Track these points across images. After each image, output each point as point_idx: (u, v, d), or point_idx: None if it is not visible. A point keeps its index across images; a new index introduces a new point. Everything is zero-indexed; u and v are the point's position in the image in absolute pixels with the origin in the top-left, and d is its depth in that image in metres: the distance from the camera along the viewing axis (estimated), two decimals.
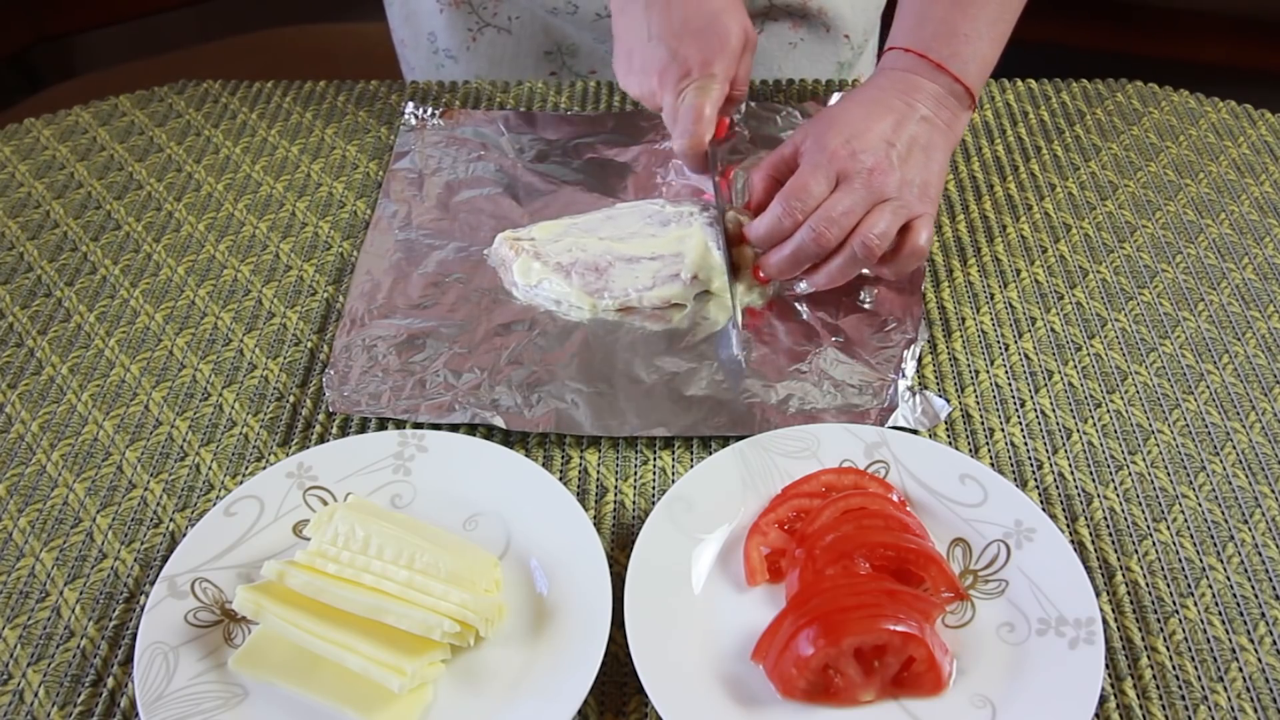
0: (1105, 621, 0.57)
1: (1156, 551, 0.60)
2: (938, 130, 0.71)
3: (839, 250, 0.68)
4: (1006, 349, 0.72)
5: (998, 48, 0.74)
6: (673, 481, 0.64)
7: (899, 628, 0.52)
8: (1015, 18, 0.75)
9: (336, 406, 0.67)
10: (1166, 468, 0.65)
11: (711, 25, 0.75)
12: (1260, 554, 0.60)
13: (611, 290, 0.73)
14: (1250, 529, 0.61)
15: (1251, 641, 0.57)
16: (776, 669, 0.53)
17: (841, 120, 0.70)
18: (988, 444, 0.66)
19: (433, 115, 0.90)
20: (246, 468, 0.65)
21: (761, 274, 0.71)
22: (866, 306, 0.73)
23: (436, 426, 0.66)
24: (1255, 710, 0.54)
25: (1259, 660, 0.56)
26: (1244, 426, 0.67)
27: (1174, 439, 0.66)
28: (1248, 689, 0.55)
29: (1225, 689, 0.55)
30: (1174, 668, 0.56)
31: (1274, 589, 0.59)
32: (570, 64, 1.01)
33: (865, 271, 0.72)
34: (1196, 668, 0.56)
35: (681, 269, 0.73)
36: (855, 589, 0.54)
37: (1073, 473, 0.64)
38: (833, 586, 0.55)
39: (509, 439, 0.66)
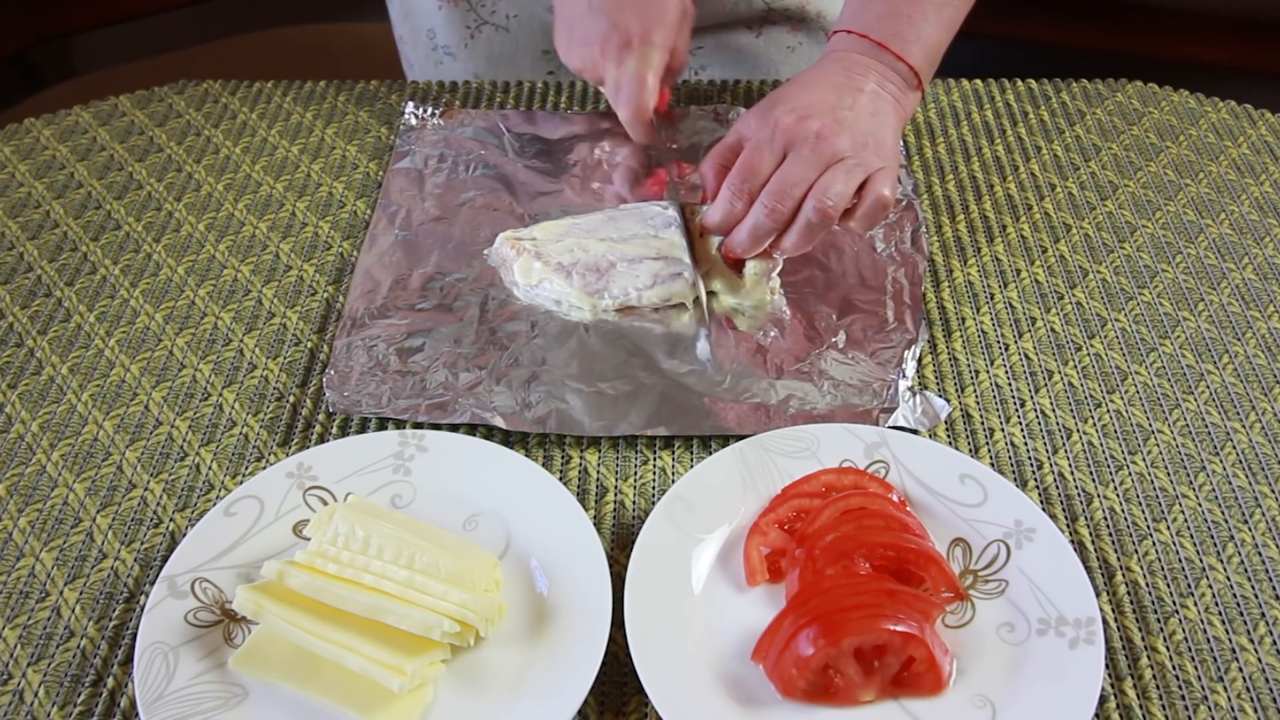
0: (1105, 621, 0.57)
1: (1156, 551, 0.60)
2: (885, 100, 0.71)
3: (796, 217, 0.68)
4: (1006, 349, 0.72)
5: (945, 32, 0.74)
6: (673, 481, 0.64)
7: (899, 628, 0.52)
8: (966, 5, 0.75)
9: (337, 407, 0.67)
10: (1166, 468, 0.65)
11: None
12: (1260, 554, 0.60)
13: (611, 290, 0.73)
14: (1250, 529, 0.61)
15: (1251, 641, 0.57)
16: (776, 669, 0.53)
17: (785, 96, 0.70)
18: (988, 444, 0.66)
19: (433, 115, 0.90)
20: (246, 468, 0.65)
21: (729, 254, 0.72)
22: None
23: (436, 426, 0.66)
24: (1255, 710, 0.54)
25: (1259, 660, 0.56)
26: (1244, 426, 0.67)
27: (1174, 439, 0.66)
28: (1248, 689, 0.55)
29: (1225, 689, 0.55)
30: (1174, 668, 0.56)
31: (1274, 589, 0.59)
32: None
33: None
34: (1196, 668, 0.56)
35: (684, 268, 0.73)
36: (855, 589, 0.54)
37: (1073, 473, 0.64)
38: (833, 586, 0.55)
39: (509, 439, 0.66)
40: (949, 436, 0.67)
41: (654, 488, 0.64)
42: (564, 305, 0.73)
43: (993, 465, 0.65)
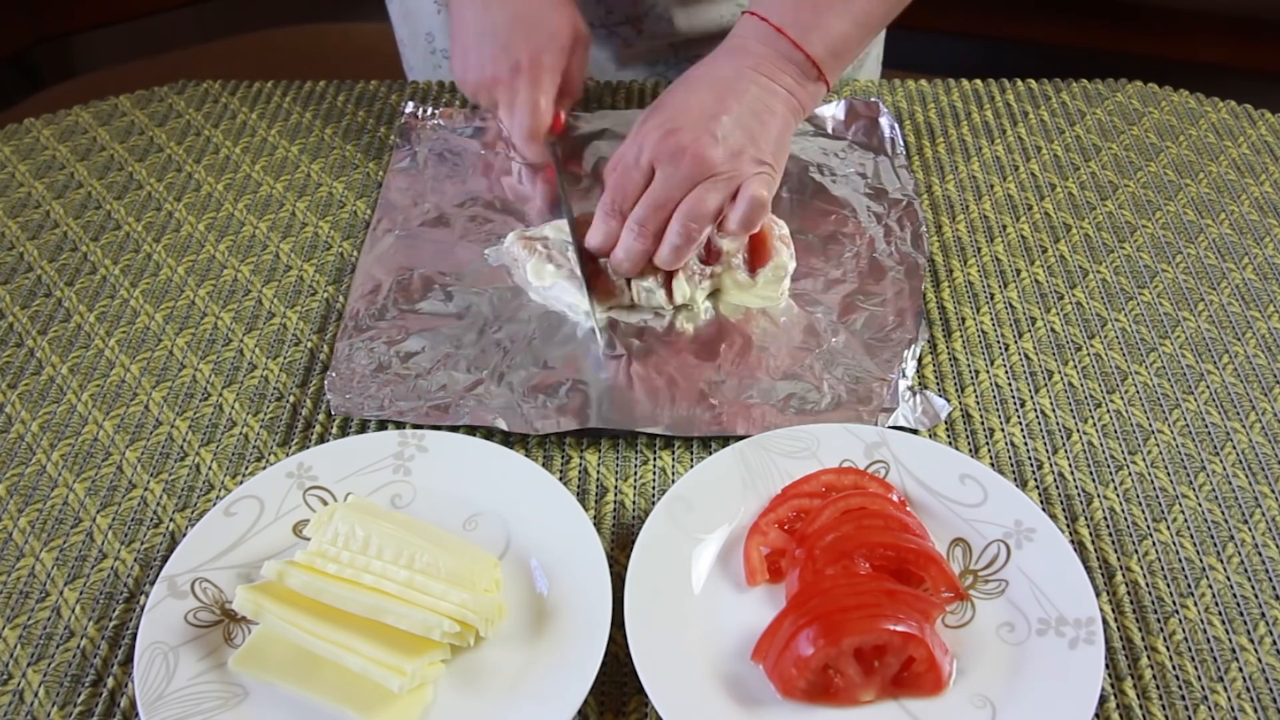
0: (1105, 621, 0.57)
1: (1156, 551, 0.60)
2: (776, 96, 0.70)
3: (666, 235, 0.68)
4: (1006, 349, 0.72)
5: (856, 27, 0.72)
6: (673, 481, 0.64)
7: (899, 628, 0.52)
8: (886, 4, 0.73)
9: (338, 409, 0.67)
10: (1166, 468, 0.65)
11: (540, 22, 0.77)
12: (1260, 554, 0.60)
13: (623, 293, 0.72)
14: (1250, 529, 0.61)
15: (1251, 641, 0.57)
16: (776, 669, 0.53)
17: (663, 104, 0.70)
18: (988, 444, 0.66)
19: (433, 115, 0.90)
20: (246, 468, 0.65)
21: (614, 276, 0.71)
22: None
23: (437, 427, 0.66)
24: (1255, 710, 0.54)
25: (1259, 660, 0.56)
26: (1244, 426, 0.67)
27: (1174, 439, 0.66)
28: (1248, 689, 0.55)
29: (1225, 689, 0.55)
30: (1174, 668, 0.56)
31: (1274, 589, 0.59)
32: None
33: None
34: (1196, 668, 0.56)
35: (694, 270, 0.72)
36: (855, 589, 0.54)
37: (1073, 473, 0.64)
38: (833, 586, 0.55)
39: (509, 439, 0.66)
40: (949, 436, 0.67)
41: (654, 488, 0.64)
42: (576, 311, 0.73)
43: (993, 465, 0.65)
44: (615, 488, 0.64)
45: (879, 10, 0.73)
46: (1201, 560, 0.60)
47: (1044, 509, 0.62)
